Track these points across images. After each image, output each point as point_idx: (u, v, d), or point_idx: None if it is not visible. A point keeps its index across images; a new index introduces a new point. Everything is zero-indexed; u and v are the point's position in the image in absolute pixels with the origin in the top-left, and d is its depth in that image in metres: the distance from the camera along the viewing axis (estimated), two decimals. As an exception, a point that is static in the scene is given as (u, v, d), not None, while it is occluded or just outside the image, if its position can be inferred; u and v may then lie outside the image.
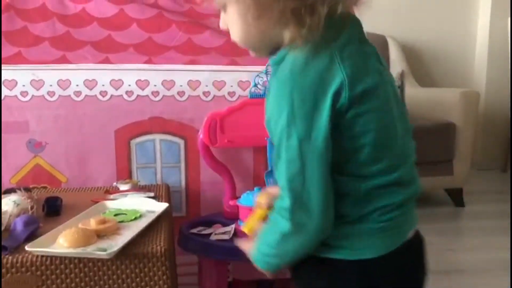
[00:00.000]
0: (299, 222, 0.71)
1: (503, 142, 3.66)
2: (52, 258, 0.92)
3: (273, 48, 0.75)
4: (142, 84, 1.43)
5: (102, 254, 0.92)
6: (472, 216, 2.75)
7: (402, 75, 3.28)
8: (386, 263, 0.75)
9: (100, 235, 1.00)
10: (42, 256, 0.92)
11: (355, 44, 0.72)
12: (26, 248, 0.92)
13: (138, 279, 0.95)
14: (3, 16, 1.48)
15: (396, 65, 3.36)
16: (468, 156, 2.78)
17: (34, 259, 0.92)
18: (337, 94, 0.67)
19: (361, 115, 0.69)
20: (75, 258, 0.93)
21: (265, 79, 1.44)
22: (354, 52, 0.71)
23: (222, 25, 0.79)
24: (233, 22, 0.75)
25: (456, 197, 2.88)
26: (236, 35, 0.76)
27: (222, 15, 0.78)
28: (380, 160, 0.72)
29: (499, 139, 3.69)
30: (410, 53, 3.60)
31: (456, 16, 3.74)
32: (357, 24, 0.75)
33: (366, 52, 0.74)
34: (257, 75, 1.44)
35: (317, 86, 0.68)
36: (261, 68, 1.44)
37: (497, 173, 3.67)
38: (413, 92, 3.23)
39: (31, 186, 1.37)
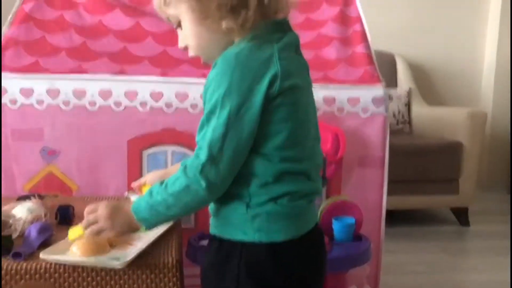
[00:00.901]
0: (208, 177, 0.79)
1: (509, 162, 3.66)
2: (66, 266, 0.93)
3: None
4: (156, 96, 1.45)
5: (115, 264, 0.93)
6: (477, 236, 2.74)
7: (409, 93, 3.30)
8: (294, 247, 0.84)
9: (112, 244, 1.01)
10: (56, 263, 0.93)
11: (292, 51, 0.86)
12: (41, 255, 0.93)
13: (149, 290, 0.96)
14: (22, 26, 1.52)
15: (404, 83, 3.38)
16: (474, 175, 2.78)
17: (48, 266, 0.93)
18: (271, 82, 0.79)
19: (285, 105, 0.81)
20: (87, 267, 0.94)
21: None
22: (290, 57, 0.84)
23: (181, 43, 0.90)
24: (188, 33, 0.87)
25: (462, 216, 2.88)
26: (192, 45, 0.88)
27: (179, 33, 0.89)
28: (291, 148, 0.83)
29: (505, 159, 3.69)
30: (418, 72, 3.63)
31: (464, 36, 3.77)
32: (296, 37, 0.88)
33: (300, 62, 0.88)
34: (269, 90, 1.45)
35: (256, 71, 0.79)
36: (274, 83, 1.46)
37: (503, 194, 3.66)
38: (420, 111, 3.24)
39: (43, 194, 1.39)
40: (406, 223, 2.78)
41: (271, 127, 0.82)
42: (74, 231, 0.95)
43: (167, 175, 1.02)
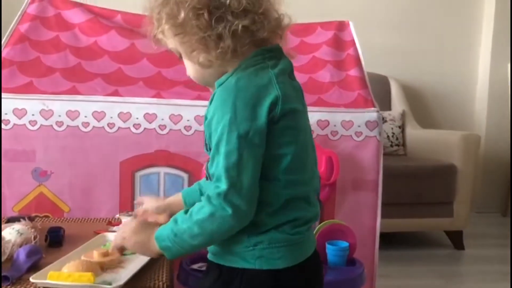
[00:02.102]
0: (232, 203, 0.79)
1: (503, 185, 3.67)
2: (54, 290, 0.92)
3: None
4: (149, 117, 1.45)
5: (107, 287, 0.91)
6: (472, 260, 2.72)
7: (403, 116, 3.32)
8: (294, 274, 0.84)
9: (103, 267, 1.00)
10: (45, 287, 0.91)
11: (286, 76, 0.88)
12: (31, 279, 0.91)
13: (139, 315, 0.94)
14: (17, 47, 1.52)
15: (398, 105, 3.40)
16: (468, 198, 2.78)
17: (36, 290, 0.91)
18: (272, 105, 0.81)
19: (288, 127, 0.83)
20: (77, 291, 0.92)
21: (271, 117, 1.46)
22: (286, 81, 0.86)
23: (187, 73, 0.92)
24: (186, 64, 0.90)
25: (456, 239, 2.86)
26: (189, 74, 0.91)
27: (185, 63, 0.91)
28: (296, 171, 0.85)
29: (499, 182, 3.70)
30: (412, 94, 3.66)
31: (457, 59, 3.81)
32: (289, 63, 0.90)
33: (295, 86, 0.90)
34: (263, 113, 1.46)
35: (257, 96, 0.81)
36: (268, 106, 1.46)
37: (497, 217, 3.66)
38: (414, 133, 3.26)
39: (33, 215, 1.37)
40: (400, 246, 2.77)
41: (277, 150, 0.83)
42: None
43: (172, 206, 1.07)
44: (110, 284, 0.92)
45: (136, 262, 1.04)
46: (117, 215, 1.38)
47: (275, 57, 0.88)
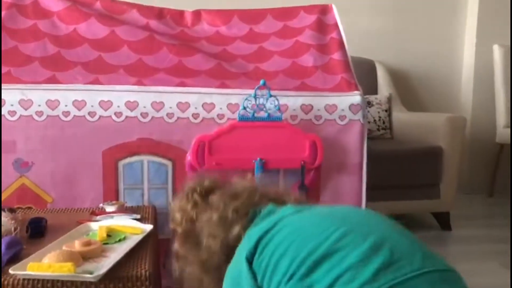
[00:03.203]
0: None
1: (489, 167, 3.70)
2: (34, 281, 0.91)
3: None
4: (131, 105, 1.43)
5: (89, 277, 0.91)
6: (459, 240, 2.75)
7: (389, 99, 3.33)
8: None
9: (85, 257, 0.99)
10: (24, 279, 0.91)
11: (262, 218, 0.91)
12: (10, 271, 0.90)
13: (121, 303, 0.94)
14: (-6, 35, 1.49)
15: (384, 89, 3.40)
16: (454, 180, 2.80)
17: (16, 282, 0.90)
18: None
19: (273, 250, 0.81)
20: (57, 281, 0.91)
21: (253, 102, 1.45)
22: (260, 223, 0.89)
23: None
24: None
25: (443, 221, 2.89)
26: None
27: None
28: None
29: (485, 164, 3.73)
30: (398, 78, 3.66)
31: (443, 42, 3.81)
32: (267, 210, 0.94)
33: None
34: (246, 98, 1.45)
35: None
36: (250, 91, 1.45)
37: (483, 198, 3.70)
38: (400, 117, 3.27)
39: (16, 206, 1.35)
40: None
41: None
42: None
43: None
44: (91, 273, 0.92)
45: (119, 251, 1.03)
46: (101, 205, 1.37)
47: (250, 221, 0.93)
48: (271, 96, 1.45)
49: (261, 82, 1.43)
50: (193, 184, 1.07)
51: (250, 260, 0.82)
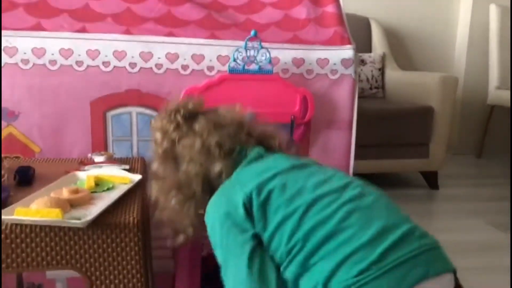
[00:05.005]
0: None
1: (478, 128, 3.73)
2: (22, 226, 0.91)
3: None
4: (119, 55, 1.40)
5: (76, 223, 0.91)
6: (446, 198, 2.81)
7: (383, 58, 3.30)
8: None
9: (73, 204, 0.99)
10: (12, 224, 0.91)
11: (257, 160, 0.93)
12: (-4, 215, 0.90)
13: (109, 249, 0.95)
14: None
15: (378, 48, 3.37)
16: (444, 140, 2.82)
17: (4, 227, 0.91)
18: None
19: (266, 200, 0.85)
20: (46, 226, 0.92)
21: (244, 54, 1.43)
22: (253, 165, 0.93)
23: None
24: None
25: (431, 180, 2.93)
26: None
27: None
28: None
29: (475, 125, 3.75)
30: (392, 37, 3.62)
31: (439, 1, 3.75)
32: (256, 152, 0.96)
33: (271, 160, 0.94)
34: (237, 50, 1.42)
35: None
36: (241, 43, 1.43)
37: (472, 158, 3.74)
38: (393, 76, 3.25)
39: (3, 156, 1.34)
40: (377, 187, 2.83)
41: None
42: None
43: None
44: (79, 219, 0.92)
45: (107, 199, 1.03)
46: (89, 155, 1.36)
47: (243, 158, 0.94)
48: (262, 48, 1.43)
49: (252, 32, 1.40)
50: (176, 105, 1.04)
51: (246, 206, 0.83)
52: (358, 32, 3.08)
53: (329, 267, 0.72)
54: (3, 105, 1.38)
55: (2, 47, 1.36)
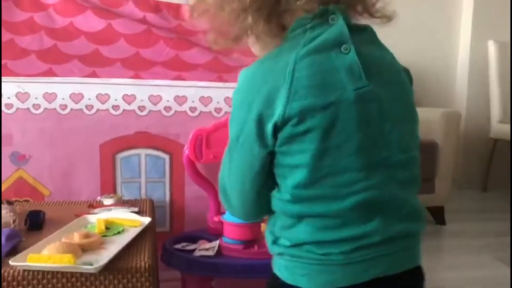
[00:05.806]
0: (226, 206, 0.77)
1: (482, 162, 3.73)
2: (34, 272, 0.91)
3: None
4: (128, 98, 1.43)
5: (89, 268, 0.91)
6: (453, 234, 2.78)
7: (385, 94, 3.34)
8: None
9: (84, 249, 1.00)
10: (24, 270, 0.91)
11: (326, 52, 0.65)
12: (10, 262, 0.90)
13: (121, 295, 0.94)
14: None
15: (380, 84, 3.41)
16: (449, 175, 2.82)
17: (16, 273, 0.91)
18: (271, 106, 0.63)
19: (298, 134, 0.64)
20: (58, 272, 0.91)
21: (251, 96, 1.45)
22: (317, 63, 0.64)
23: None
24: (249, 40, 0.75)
25: (438, 215, 2.91)
26: (253, 47, 0.78)
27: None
28: (313, 186, 0.65)
29: (479, 159, 3.76)
30: (393, 73, 3.67)
31: (438, 36, 3.82)
32: (340, 31, 0.66)
33: (334, 66, 0.65)
34: (244, 92, 1.45)
35: (255, 92, 0.65)
36: (248, 85, 1.45)
37: (477, 192, 3.72)
38: (396, 111, 3.27)
39: (13, 199, 1.35)
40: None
41: (285, 160, 0.66)
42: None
43: None
44: (91, 265, 0.92)
45: (118, 243, 1.03)
46: (99, 198, 1.37)
47: (323, 24, 0.66)
48: (268, 89, 1.45)
49: (259, 75, 1.43)
50: None
51: (277, 125, 0.64)
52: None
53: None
54: (14, 149, 1.40)
55: (14, 93, 1.39)
